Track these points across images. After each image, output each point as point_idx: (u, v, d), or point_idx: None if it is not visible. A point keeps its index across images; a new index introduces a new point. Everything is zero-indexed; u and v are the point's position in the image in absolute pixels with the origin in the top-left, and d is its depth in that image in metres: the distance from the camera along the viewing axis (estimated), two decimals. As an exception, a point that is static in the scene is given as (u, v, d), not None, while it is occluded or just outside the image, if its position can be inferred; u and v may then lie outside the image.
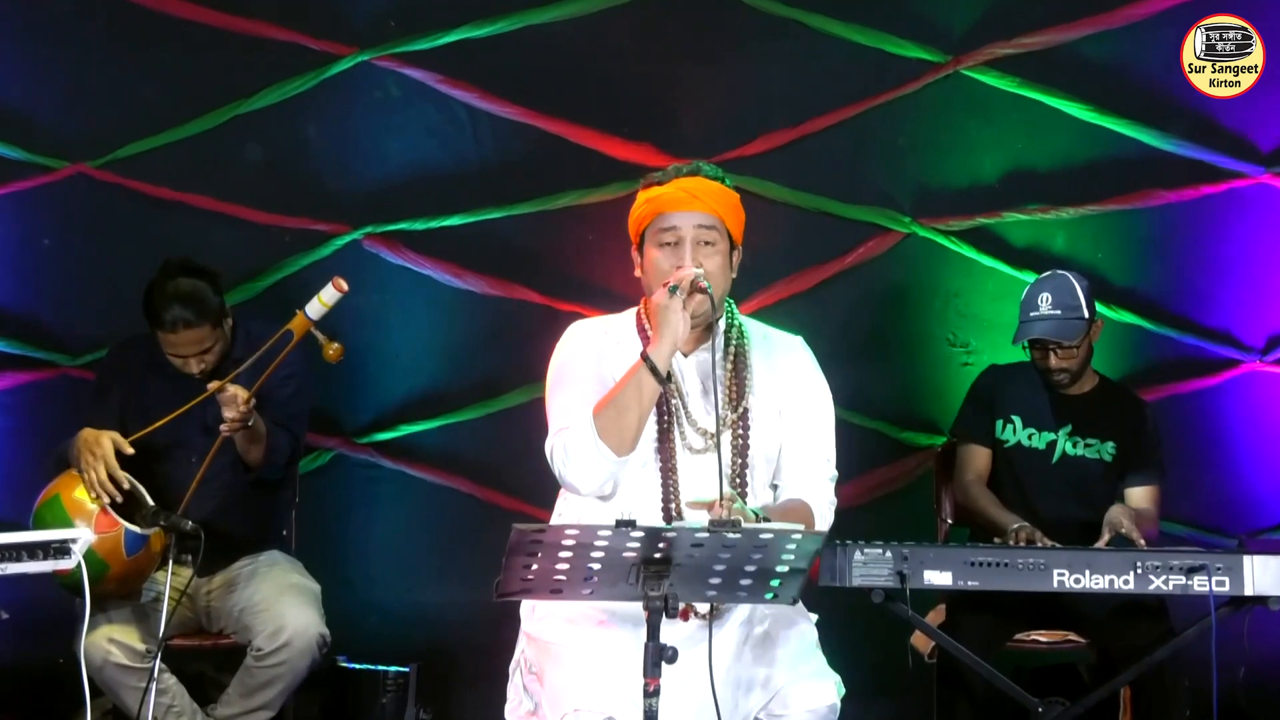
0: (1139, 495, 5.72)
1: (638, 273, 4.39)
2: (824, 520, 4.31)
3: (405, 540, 6.47)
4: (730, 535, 3.64)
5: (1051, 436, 5.77)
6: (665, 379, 4.16)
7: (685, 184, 4.31)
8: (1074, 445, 5.76)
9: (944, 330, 6.50)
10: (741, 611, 4.23)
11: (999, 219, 6.45)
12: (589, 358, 4.35)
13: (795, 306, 6.37)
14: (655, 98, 6.50)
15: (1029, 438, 5.78)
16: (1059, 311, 5.65)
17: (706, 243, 4.29)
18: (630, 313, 4.47)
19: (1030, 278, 6.12)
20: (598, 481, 4.20)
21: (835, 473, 4.40)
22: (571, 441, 4.18)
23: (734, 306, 4.45)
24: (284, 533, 5.78)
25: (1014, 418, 5.79)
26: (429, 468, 6.44)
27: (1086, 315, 5.67)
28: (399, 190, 6.45)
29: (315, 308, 5.00)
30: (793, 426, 4.37)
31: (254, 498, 5.56)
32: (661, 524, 4.20)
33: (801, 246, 6.47)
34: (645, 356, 4.13)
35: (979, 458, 5.80)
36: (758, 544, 3.68)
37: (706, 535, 3.63)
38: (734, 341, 4.38)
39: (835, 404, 4.58)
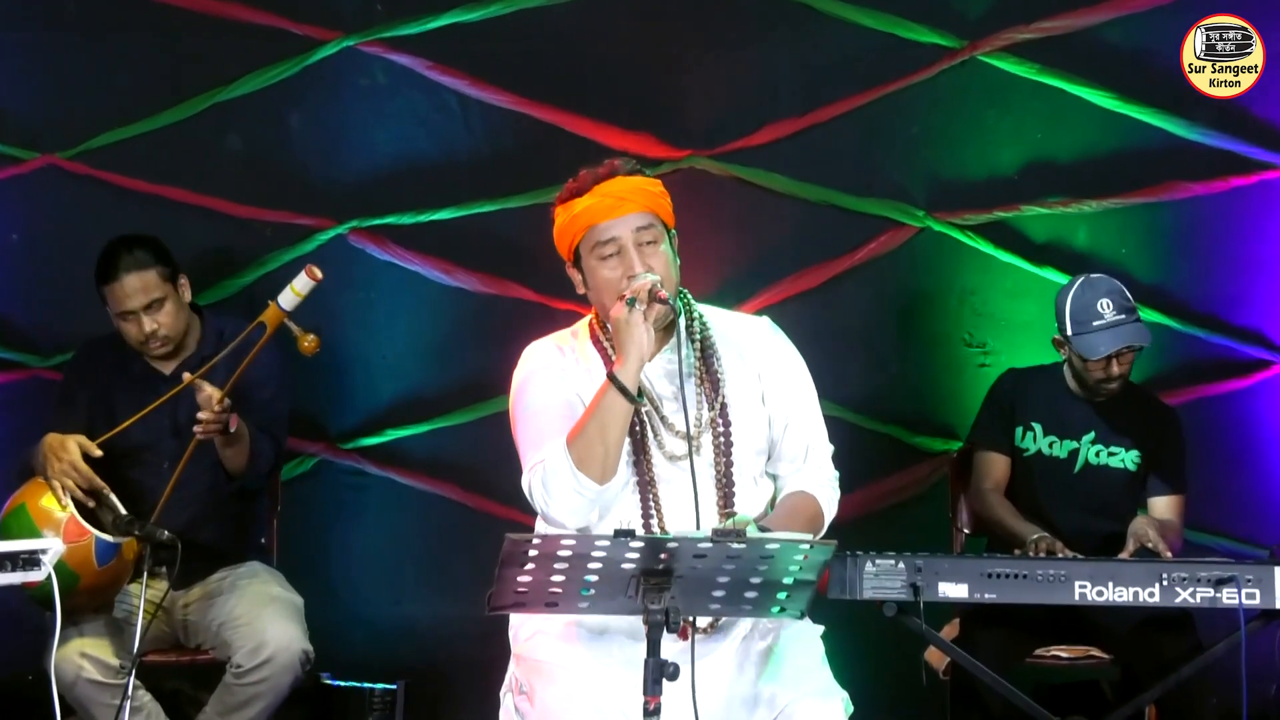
0: (1163, 505, 5.73)
1: (581, 290, 4.37)
2: (830, 504, 4.32)
3: (392, 551, 6.48)
4: (735, 545, 3.64)
5: (1074, 445, 5.78)
6: (636, 397, 4.15)
7: (608, 189, 4.29)
8: (1097, 454, 5.76)
9: (959, 330, 6.50)
10: (744, 625, 4.23)
11: (1017, 213, 6.45)
12: (550, 382, 4.33)
13: (802, 305, 6.37)
14: (655, 85, 6.51)
15: (1050, 446, 5.78)
16: (1124, 315, 5.65)
17: (648, 242, 4.27)
18: (581, 326, 4.45)
19: (1051, 274, 6.14)
20: (583, 513, 4.18)
21: (831, 446, 4.40)
22: (550, 476, 4.15)
23: (688, 296, 4.43)
24: (264, 543, 5.80)
25: (1034, 425, 5.79)
26: (417, 474, 6.45)
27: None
28: (386, 182, 6.46)
29: (288, 298, 5.00)
30: (779, 410, 4.34)
31: (233, 506, 5.57)
32: (664, 533, 4.18)
33: (809, 242, 6.48)
34: (612, 377, 4.12)
35: (997, 466, 5.81)
36: (764, 554, 3.68)
37: (710, 545, 3.63)
38: (698, 335, 4.35)
39: (845, 408, 4.59)
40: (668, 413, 4.29)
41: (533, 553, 3.63)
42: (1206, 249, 6.49)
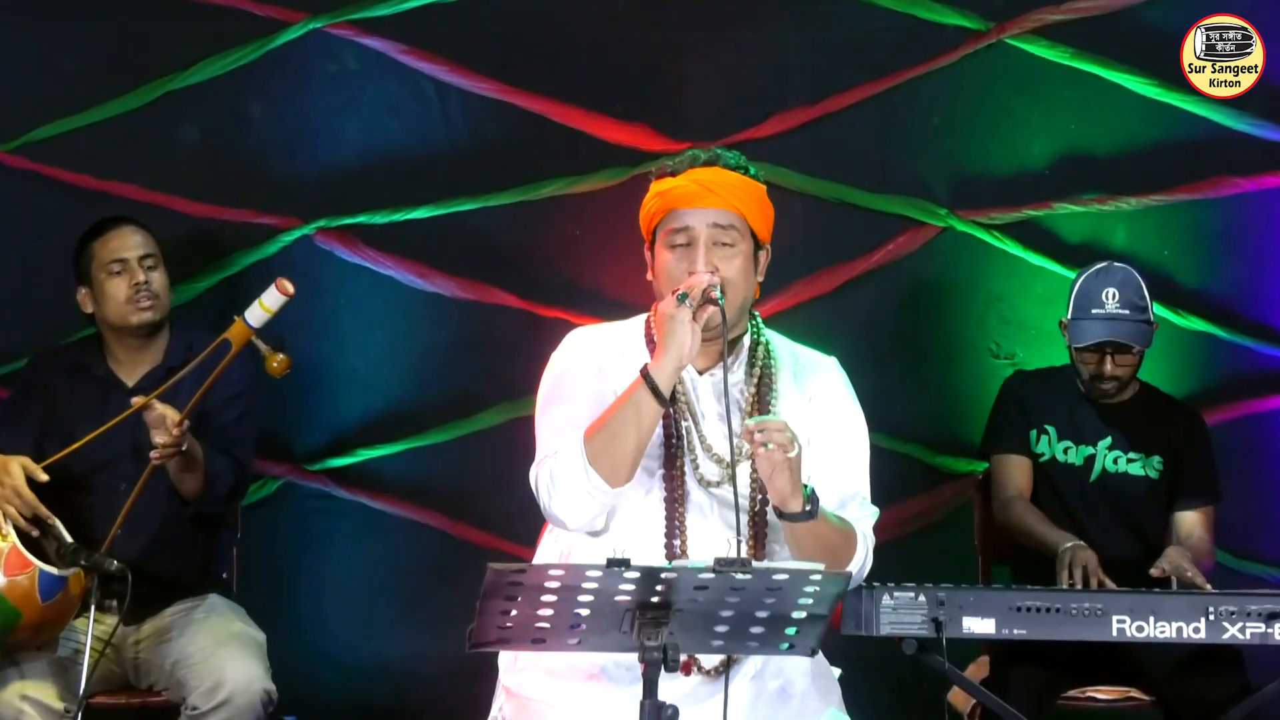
0: (1191, 520, 5.73)
1: (650, 275, 4.38)
2: (861, 558, 4.29)
3: (364, 582, 6.48)
4: (739, 575, 3.63)
5: (1090, 450, 5.78)
6: (668, 400, 4.15)
7: (700, 175, 4.29)
8: (1115, 461, 5.77)
9: (986, 339, 6.51)
10: (752, 664, 4.23)
11: (1049, 210, 6.47)
12: (586, 372, 4.34)
13: (814, 311, 6.39)
14: (652, 71, 6.52)
15: (1065, 452, 5.79)
16: (1127, 311, 5.67)
17: (724, 244, 4.27)
18: (639, 320, 4.46)
19: (1086, 278, 6.13)
20: (588, 514, 4.19)
21: (875, 509, 4.39)
22: (559, 468, 4.16)
23: (760, 321, 4.44)
24: (224, 574, 5.79)
25: (1048, 428, 5.81)
26: (392, 499, 6.45)
27: (1151, 318, 5.69)
28: (356, 178, 6.46)
29: (256, 314, 5.01)
30: (823, 459, 4.33)
31: (190, 534, 5.56)
32: (659, 563, 4.18)
33: (821, 242, 6.48)
34: (645, 373, 4.12)
35: (1019, 470, 5.81)
36: (771, 586, 3.67)
37: (711, 576, 3.63)
38: (760, 361, 4.36)
39: (860, 425, 4.50)
40: (707, 432, 4.29)
41: (518, 584, 3.62)
42: (1257, 250, 6.50)
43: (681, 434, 4.28)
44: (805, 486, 4.07)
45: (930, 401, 6.56)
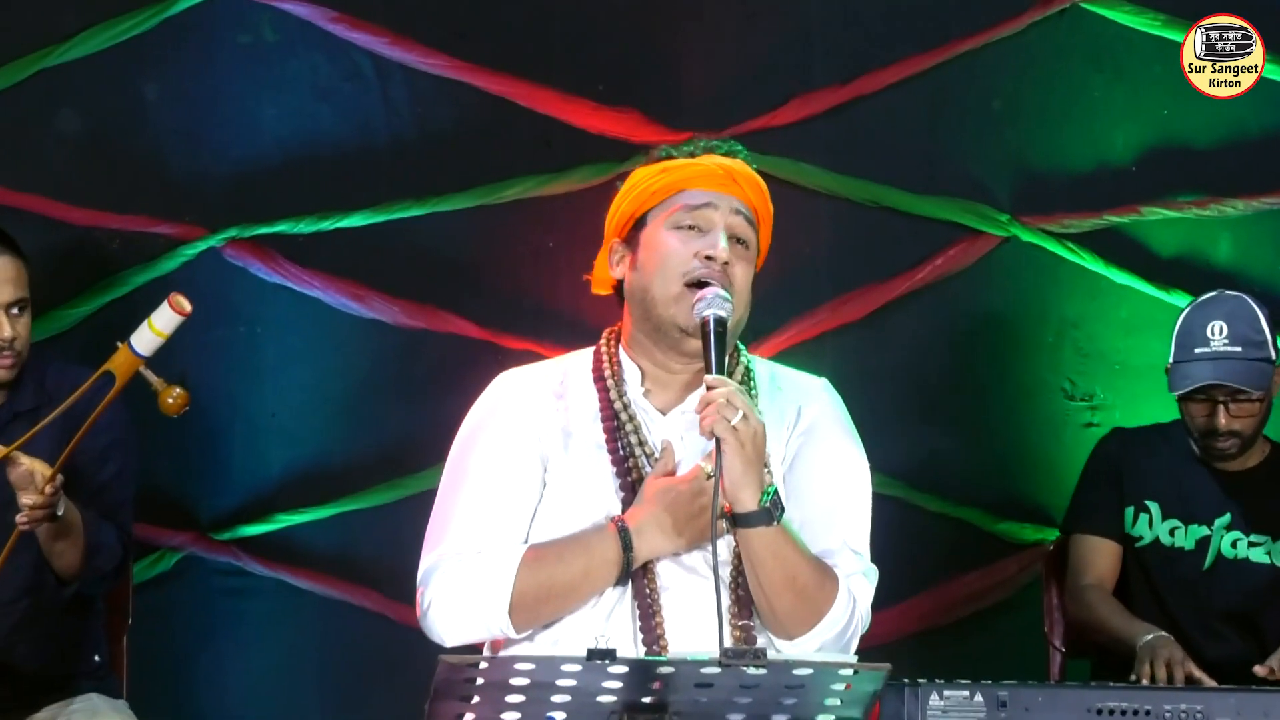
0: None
1: (616, 274, 4.38)
2: (843, 618, 4.24)
3: (283, 677, 6.49)
4: (751, 670, 3.63)
5: (1204, 531, 5.79)
6: (627, 578, 4.17)
7: (722, 161, 4.33)
8: (1234, 544, 5.78)
9: (1058, 377, 6.53)
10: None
11: (1136, 216, 6.49)
12: (509, 437, 4.33)
13: (843, 342, 6.41)
14: (643, 44, 6.54)
15: (1171, 533, 5.80)
16: (1239, 348, 5.66)
17: (740, 242, 4.29)
18: (581, 355, 4.45)
19: (1181, 299, 6.13)
20: (469, 642, 4.23)
21: (872, 568, 4.37)
22: (465, 587, 4.18)
23: (741, 344, 4.44)
24: (100, 662, 5.71)
25: (1149, 505, 5.81)
26: (318, 574, 6.46)
27: (1273, 355, 5.69)
28: (276, 177, 6.48)
29: (146, 338, 4.94)
30: (806, 502, 4.31)
31: (57, 618, 5.53)
32: (654, 655, 4.18)
33: (853, 256, 6.51)
34: (622, 530, 4.15)
35: (1102, 556, 5.83)
36: (791, 683, 3.66)
37: (717, 670, 3.62)
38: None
39: (900, 482, 4.56)
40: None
41: (478, 680, 3.61)
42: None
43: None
44: (768, 489, 4.08)
45: (989, 455, 6.58)
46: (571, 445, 4.27)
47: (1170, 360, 5.75)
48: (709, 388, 4.05)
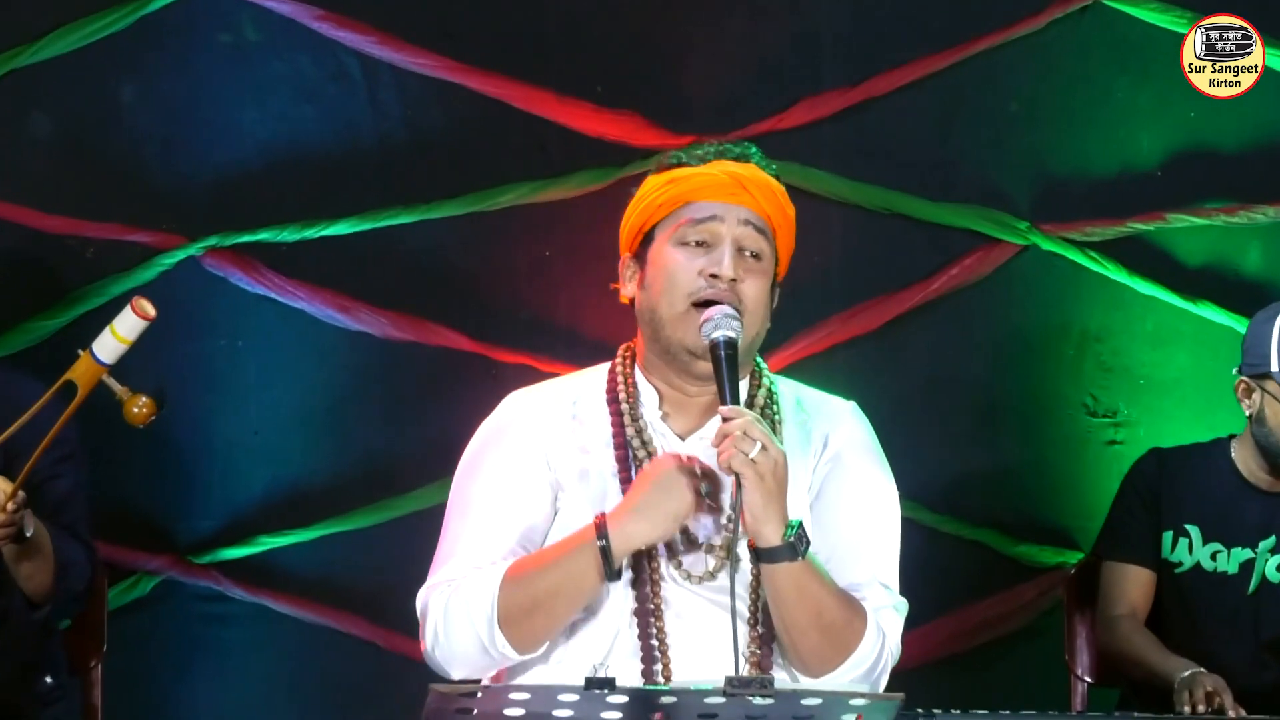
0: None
1: (627, 292, 4.37)
2: (871, 654, 4.23)
3: (267, 706, 6.48)
4: (758, 700, 3.63)
5: (1247, 555, 5.78)
6: (617, 574, 4.14)
7: (732, 168, 4.31)
8: (1279, 568, 5.78)
9: (1080, 392, 6.53)
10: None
11: (1162, 223, 6.49)
12: (516, 460, 4.32)
13: (855, 356, 6.41)
14: (645, 45, 6.54)
15: (1212, 558, 5.79)
16: None
17: (751, 254, 4.27)
18: (597, 372, 4.44)
19: (1210, 311, 6.16)
20: (479, 671, 4.23)
21: (901, 601, 4.37)
22: (457, 608, 4.18)
23: (763, 363, 4.44)
24: (54, 686, 5.66)
25: (1189, 529, 5.81)
26: (302, 600, 6.45)
27: None
28: (258, 182, 6.48)
29: (108, 346, 4.90)
30: (833, 533, 4.31)
31: (13, 645, 5.51)
32: (653, 684, 4.17)
33: (865, 266, 6.51)
34: (601, 531, 4.12)
35: (1136, 585, 5.82)
36: (800, 714, 3.66)
37: (722, 700, 3.62)
38: (763, 414, 4.32)
39: (916, 503, 4.52)
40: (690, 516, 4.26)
41: (469, 711, 3.60)
42: None
43: None
44: (792, 523, 4.06)
45: (1006, 475, 6.58)
46: (585, 471, 4.26)
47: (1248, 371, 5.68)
48: (724, 419, 4.04)
